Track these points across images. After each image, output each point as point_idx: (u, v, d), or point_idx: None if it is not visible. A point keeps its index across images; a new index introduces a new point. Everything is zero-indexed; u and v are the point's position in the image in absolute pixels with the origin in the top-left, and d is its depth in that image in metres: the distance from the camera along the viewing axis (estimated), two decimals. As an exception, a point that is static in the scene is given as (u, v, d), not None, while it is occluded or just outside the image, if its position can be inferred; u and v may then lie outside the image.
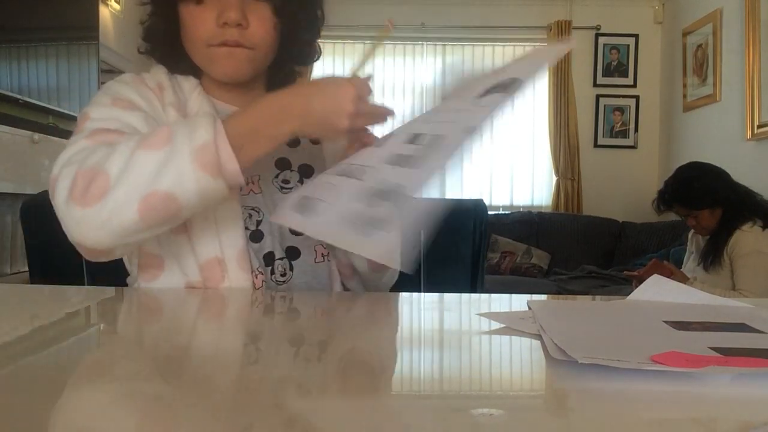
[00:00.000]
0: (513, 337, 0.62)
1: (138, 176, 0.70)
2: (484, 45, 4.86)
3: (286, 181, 1.01)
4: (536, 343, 0.59)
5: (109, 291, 0.91)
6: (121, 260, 0.96)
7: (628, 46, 4.81)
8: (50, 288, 0.94)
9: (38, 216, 1.19)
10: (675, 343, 0.57)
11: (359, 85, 0.78)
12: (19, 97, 2.72)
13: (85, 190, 0.71)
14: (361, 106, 0.77)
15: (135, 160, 0.71)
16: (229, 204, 0.89)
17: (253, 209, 0.95)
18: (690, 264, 2.64)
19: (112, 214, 0.71)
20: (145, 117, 0.87)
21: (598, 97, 4.84)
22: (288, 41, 0.97)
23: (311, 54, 1.05)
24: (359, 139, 0.84)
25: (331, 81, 0.79)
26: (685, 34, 4.33)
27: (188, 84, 0.98)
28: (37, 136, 2.75)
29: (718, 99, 3.91)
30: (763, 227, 2.38)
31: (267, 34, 0.92)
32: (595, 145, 4.86)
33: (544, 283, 3.94)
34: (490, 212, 3.05)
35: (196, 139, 0.72)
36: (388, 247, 0.61)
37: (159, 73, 0.97)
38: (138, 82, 0.94)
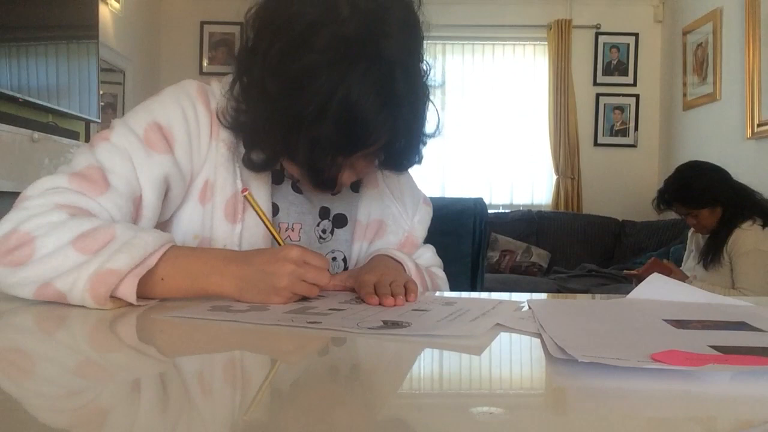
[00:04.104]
0: (513, 335, 0.62)
1: (51, 268, 0.72)
2: (484, 44, 4.86)
3: (324, 231, 1.00)
4: (536, 341, 0.59)
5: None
6: None
7: (628, 44, 4.81)
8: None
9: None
10: (675, 341, 0.57)
11: (298, 258, 0.76)
12: (18, 95, 2.72)
13: (9, 251, 0.74)
14: (300, 276, 0.75)
15: (60, 252, 0.72)
16: None
17: None
18: (690, 262, 2.64)
19: (15, 285, 0.74)
20: (167, 163, 0.85)
21: (598, 95, 4.84)
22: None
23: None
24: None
25: (276, 257, 0.76)
26: (685, 33, 4.33)
27: None
28: (36, 134, 2.75)
29: (718, 98, 3.91)
30: (763, 226, 2.38)
31: None
32: (595, 144, 4.86)
33: (544, 281, 3.94)
34: (490, 211, 3.05)
35: (111, 262, 0.71)
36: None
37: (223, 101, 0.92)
38: (199, 99, 0.90)
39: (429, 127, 0.88)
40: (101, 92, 3.48)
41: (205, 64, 4.78)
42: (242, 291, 0.76)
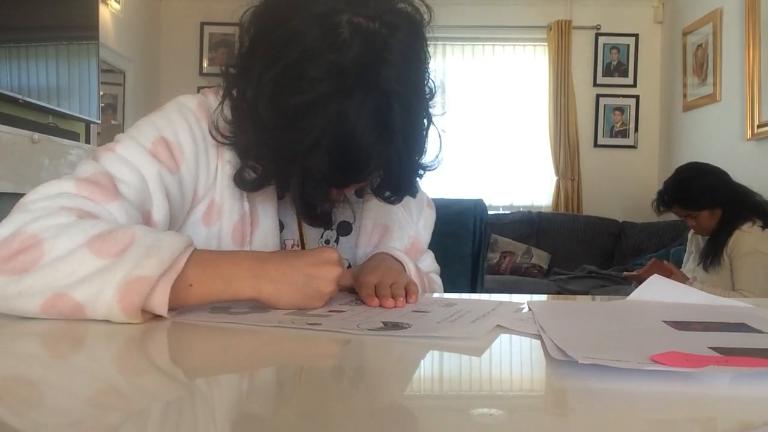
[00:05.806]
0: (513, 337, 0.62)
1: (63, 273, 0.64)
2: (484, 45, 4.86)
3: (327, 242, 1.00)
4: (536, 343, 0.59)
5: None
6: None
7: (628, 45, 4.81)
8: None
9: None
10: (675, 343, 0.57)
11: (339, 261, 0.75)
12: (19, 96, 2.72)
13: (12, 255, 0.65)
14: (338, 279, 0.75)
15: (74, 255, 0.65)
16: None
17: None
18: (690, 264, 2.64)
19: (18, 297, 0.64)
20: (173, 182, 0.82)
21: (598, 96, 4.84)
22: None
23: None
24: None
25: (321, 259, 0.74)
26: (685, 34, 4.33)
27: None
28: (36, 135, 2.75)
29: (718, 99, 3.91)
30: (763, 227, 2.38)
31: None
32: (595, 145, 4.86)
33: (544, 283, 3.94)
34: (490, 212, 3.04)
35: (140, 268, 0.64)
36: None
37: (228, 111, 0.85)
38: (203, 118, 0.86)
39: (429, 155, 0.84)
40: (101, 93, 3.48)
41: (205, 65, 4.78)
42: (281, 295, 0.71)
